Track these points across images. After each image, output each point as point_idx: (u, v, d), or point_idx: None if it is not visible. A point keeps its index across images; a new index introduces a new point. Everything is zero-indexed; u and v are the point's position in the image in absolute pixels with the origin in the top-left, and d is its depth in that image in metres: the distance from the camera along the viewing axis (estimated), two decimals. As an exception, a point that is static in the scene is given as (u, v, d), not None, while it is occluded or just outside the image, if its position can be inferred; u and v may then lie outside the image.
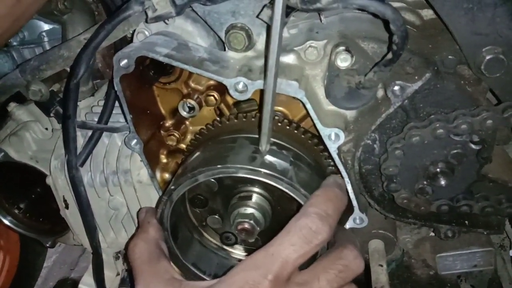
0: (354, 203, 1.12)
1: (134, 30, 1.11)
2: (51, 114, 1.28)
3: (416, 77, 0.98)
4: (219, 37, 1.08)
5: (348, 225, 1.15)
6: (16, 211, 1.53)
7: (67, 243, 1.55)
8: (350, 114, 1.10)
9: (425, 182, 1.06)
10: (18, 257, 1.90)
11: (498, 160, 1.15)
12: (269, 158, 1.00)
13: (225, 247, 1.25)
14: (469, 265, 1.24)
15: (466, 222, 1.14)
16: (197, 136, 1.16)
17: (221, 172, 0.97)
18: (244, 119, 1.11)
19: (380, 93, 1.04)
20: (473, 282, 2.06)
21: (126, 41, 1.18)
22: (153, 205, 1.25)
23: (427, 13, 1.09)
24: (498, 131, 1.06)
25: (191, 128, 1.27)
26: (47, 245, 1.53)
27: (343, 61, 0.98)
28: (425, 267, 2.41)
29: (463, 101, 1.02)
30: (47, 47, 1.48)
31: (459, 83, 1.03)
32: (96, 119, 1.25)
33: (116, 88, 1.06)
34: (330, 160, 1.15)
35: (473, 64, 0.99)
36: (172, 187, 1.00)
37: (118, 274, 1.44)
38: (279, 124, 1.11)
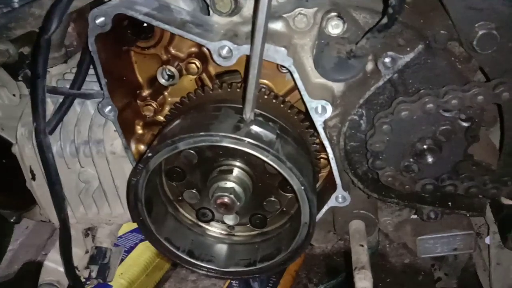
0: (338, 180, 1.10)
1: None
2: (19, 78, 1.20)
3: (408, 49, 0.95)
4: (203, 0, 1.02)
5: (330, 203, 1.13)
6: (-23, 184, 1.43)
7: (34, 218, 1.46)
8: (337, 88, 1.06)
9: (411, 160, 1.03)
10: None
11: (482, 145, 1.15)
12: (255, 128, 0.96)
13: (201, 223, 1.20)
14: (449, 248, 1.23)
15: (450, 203, 1.13)
16: (177, 105, 1.10)
17: (203, 140, 0.92)
18: (229, 89, 1.06)
19: (370, 66, 1.01)
20: (447, 270, 2.09)
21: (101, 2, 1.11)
22: (127, 179, 1.19)
23: (420, -11, 1.06)
24: (485, 112, 1.05)
25: (169, 99, 1.21)
26: (12, 220, 1.44)
27: (335, 28, 0.94)
28: (400, 255, 2.45)
29: (453, 78, 1.00)
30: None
31: (450, 59, 1.01)
32: (68, 86, 1.17)
33: (91, 49, 0.99)
34: (315, 138, 1.11)
35: (465, 40, 0.97)
36: (150, 154, 0.94)
37: (87, 252, 1.36)
38: (265, 96, 1.06)
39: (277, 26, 1.00)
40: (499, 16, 0.93)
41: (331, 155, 1.06)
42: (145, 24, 1.04)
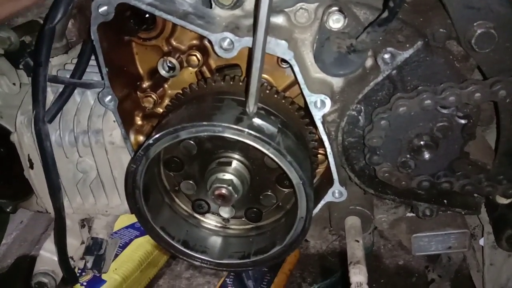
0: (335, 175, 1.10)
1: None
2: (20, 66, 1.20)
3: (408, 45, 0.96)
4: (205, -7, 1.03)
5: (326, 198, 1.13)
6: (-26, 173, 1.43)
7: (30, 208, 1.46)
8: (336, 83, 1.07)
9: (408, 156, 1.04)
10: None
11: (478, 144, 1.16)
12: (257, 121, 0.97)
13: (196, 215, 1.20)
14: (444, 246, 1.24)
15: (445, 201, 1.14)
16: (179, 95, 1.10)
17: (206, 130, 0.93)
18: (231, 82, 1.06)
19: (369, 62, 1.02)
20: (440, 272, 2.10)
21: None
22: (124, 170, 1.20)
23: (419, -10, 1.08)
24: (482, 111, 1.07)
25: (169, 91, 1.22)
26: (8, 209, 1.44)
27: (336, 22, 0.95)
28: (394, 257, 2.46)
29: (451, 76, 1.01)
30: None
31: (448, 58, 1.02)
32: (68, 76, 1.18)
33: (93, 37, 1.00)
34: (313, 134, 1.12)
35: (464, 38, 0.98)
36: (151, 142, 0.94)
37: (83, 243, 1.36)
38: (267, 91, 1.07)
39: (278, 20, 1.01)
40: (497, 15, 0.94)
41: (329, 150, 1.07)
42: (147, 15, 1.05)
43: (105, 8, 0.96)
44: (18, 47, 1.17)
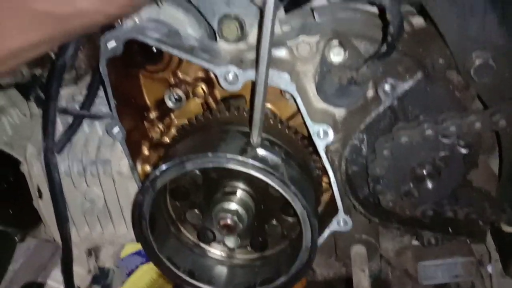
0: (339, 204, 1.11)
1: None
2: (31, 98, 1.24)
3: (407, 77, 0.98)
4: (211, 27, 1.06)
5: (331, 227, 1.13)
6: (-16, 201, 1.45)
7: (38, 237, 1.47)
8: (338, 113, 1.09)
9: (411, 185, 1.05)
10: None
11: (481, 171, 1.16)
12: (260, 151, 0.98)
13: (202, 244, 1.21)
14: (450, 274, 1.23)
15: (450, 229, 1.14)
16: (185, 126, 1.13)
17: (211, 161, 0.94)
18: (236, 113, 1.09)
19: (370, 93, 1.04)
20: (450, 300, 2.06)
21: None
22: (131, 199, 1.21)
23: (418, 21, 1.10)
24: (483, 139, 1.08)
25: (176, 121, 1.25)
26: (16, 237, 1.46)
27: (336, 55, 0.97)
28: (402, 284, 2.41)
29: (451, 105, 1.03)
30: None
31: (448, 87, 1.04)
32: (78, 108, 1.21)
33: (101, 71, 1.03)
34: (318, 164, 1.13)
35: (463, 68, 1.00)
36: (157, 173, 0.96)
37: (89, 272, 1.37)
38: (271, 121, 1.09)
39: (281, 53, 1.04)
40: (495, 46, 0.96)
41: (332, 179, 1.08)
42: (154, 49, 1.09)
43: (114, 43, 1.00)
44: (29, 80, 1.21)
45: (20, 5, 0.77)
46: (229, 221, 1.04)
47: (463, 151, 1.00)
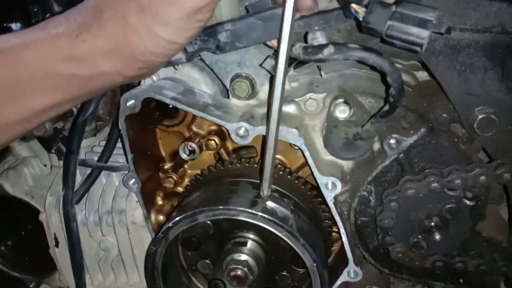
0: (349, 255, 1.11)
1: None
2: (52, 151, 1.30)
3: (412, 132, 1.02)
4: (223, 85, 1.12)
5: (342, 278, 1.14)
6: (3, 247, 1.49)
7: (52, 284, 1.50)
8: (346, 165, 1.12)
9: (420, 236, 1.06)
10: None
11: (492, 220, 1.17)
12: (270, 204, 1.01)
13: (213, 294, 1.22)
14: (464, 326, 1.21)
15: (461, 280, 1.13)
16: (198, 177, 1.17)
17: (222, 213, 0.97)
18: (247, 164, 1.13)
19: (377, 146, 1.08)
20: None
21: (132, 86, 1.22)
22: (145, 249, 1.24)
23: (422, 75, 1.15)
24: (491, 190, 1.09)
25: (189, 171, 1.29)
26: (31, 286, 1.48)
27: (342, 113, 1.02)
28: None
29: (457, 158, 1.05)
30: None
31: (453, 140, 1.07)
32: (96, 159, 1.27)
33: (120, 127, 1.08)
34: (327, 213, 1.15)
35: (466, 123, 1.03)
36: (170, 225, 0.99)
37: (102, 320, 1.38)
38: (281, 172, 1.13)
39: (290, 109, 1.09)
40: (495, 101, 0.99)
41: (342, 230, 1.09)
42: (170, 106, 1.15)
43: (132, 101, 1.05)
44: (51, 133, 1.27)
45: (47, 69, 0.83)
46: (239, 273, 1.05)
47: (470, 203, 1.02)
